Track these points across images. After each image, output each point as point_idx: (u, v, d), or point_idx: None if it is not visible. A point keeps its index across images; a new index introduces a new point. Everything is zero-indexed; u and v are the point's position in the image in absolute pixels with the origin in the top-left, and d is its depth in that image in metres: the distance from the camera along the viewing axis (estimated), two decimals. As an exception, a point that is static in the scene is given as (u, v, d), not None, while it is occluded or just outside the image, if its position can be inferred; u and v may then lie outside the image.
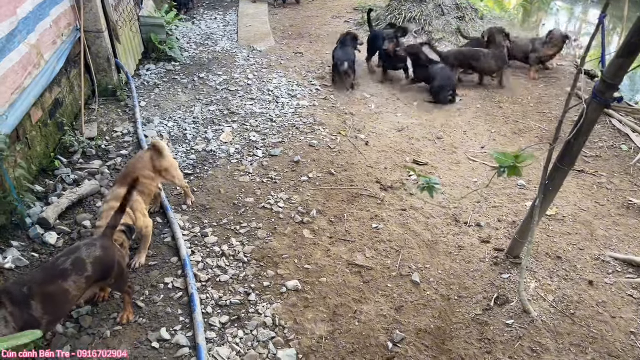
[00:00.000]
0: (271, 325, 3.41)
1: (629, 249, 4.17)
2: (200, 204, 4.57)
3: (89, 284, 2.98)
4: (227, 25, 9.84)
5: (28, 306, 2.69)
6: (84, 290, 2.97)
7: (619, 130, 5.99)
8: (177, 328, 3.34)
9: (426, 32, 8.38)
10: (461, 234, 4.35)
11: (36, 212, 4.23)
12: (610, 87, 2.81)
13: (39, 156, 4.71)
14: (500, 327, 3.46)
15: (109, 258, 3.10)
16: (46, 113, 4.96)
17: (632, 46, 2.63)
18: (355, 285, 3.80)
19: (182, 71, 7.46)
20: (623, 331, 3.43)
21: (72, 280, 2.86)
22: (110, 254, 3.13)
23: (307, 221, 4.43)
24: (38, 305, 2.71)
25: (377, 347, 3.31)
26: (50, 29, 5.25)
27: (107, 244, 3.16)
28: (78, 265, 2.92)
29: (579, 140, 3.09)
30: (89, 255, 2.98)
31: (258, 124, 6.03)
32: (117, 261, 3.16)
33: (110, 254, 3.13)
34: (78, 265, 2.92)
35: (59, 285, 2.82)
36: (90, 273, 2.95)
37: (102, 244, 3.11)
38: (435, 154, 5.59)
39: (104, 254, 3.07)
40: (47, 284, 2.79)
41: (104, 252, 3.07)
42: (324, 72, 7.68)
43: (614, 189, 4.99)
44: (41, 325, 2.72)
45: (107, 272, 3.10)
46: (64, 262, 2.89)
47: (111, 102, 6.31)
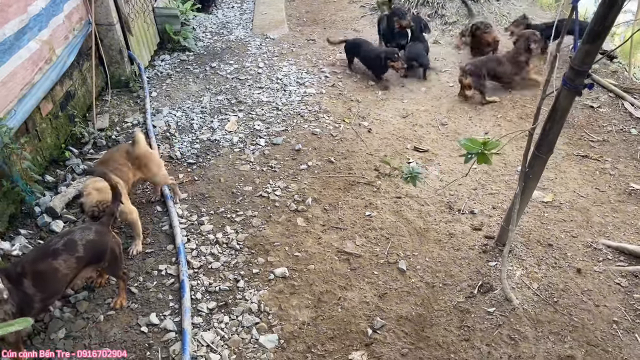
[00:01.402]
0: (256, 311, 3.54)
1: (624, 237, 4.12)
2: (200, 193, 4.72)
3: (80, 264, 3.18)
4: (244, 14, 9.92)
5: (20, 283, 2.90)
6: (75, 270, 3.16)
7: (631, 114, 5.83)
8: (167, 313, 3.51)
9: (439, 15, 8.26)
10: (453, 222, 4.37)
11: (46, 201, 4.47)
12: (579, 73, 2.78)
13: (49, 147, 4.94)
14: (481, 314, 3.50)
15: (102, 242, 3.30)
16: (57, 105, 5.18)
17: (595, 33, 2.60)
18: (342, 272, 3.89)
19: (195, 61, 7.61)
20: (605, 320, 3.42)
21: (62, 259, 3.06)
22: (104, 238, 3.32)
23: (302, 209, 4.53)
24: (29, 282, 2.93)
25: (356, 333, 3.40)
26: (62, 24, 5.45)
27: (102, 230, 3.35)
28: (69, 245, 3.12)
29: (554, 128, 3.07)
30: (82, 238, 3.19)
31: (264, 112, 6.13)
32: (110, 246, 3.35)
33: (104, 238, 3.32)
34: (69, 245, 3.12)
35: (48, 264, 3.02)
36: (82, 254, 3.15)
37: (97, 229, 3.31)
38: (437, 140, 5.58)
39: (98, 238, 3.27)
40: (37, 262, 3.01)
41: (97, 236, 3.27)
42: (334, 59, 7.70)
43: (617, 174, 4.89)
44: (34, 302, 2.95)
45: (99, 256, 3.30)
46: (56, 243, 3.11)
47: (124, 93, 6.51)
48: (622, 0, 2.46)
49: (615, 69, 6.95)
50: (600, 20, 2.57)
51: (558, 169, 4.96)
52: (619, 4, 2.50)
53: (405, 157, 5.25)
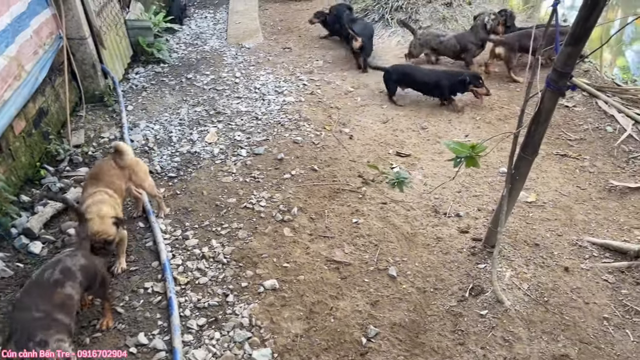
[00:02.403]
0: (247, 326, 3.47)
1: (607, 233, 4.18)
2: (183, 207, 4.63)
3: (82, 289, 3.08)
4: (217, 24, 9.85)
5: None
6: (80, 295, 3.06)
7: (605, 112, 5.94)
8: (155, 332, 3.42)
9: (413, 20, 8.32)
10: (440, 225, 4.37)
11: (22, 222, 4.32)
12: (562, 75, 2.81)
13: (23, 166, 4.79)
14: (474, 317, 3.50)
15: (92, 266, 3.22)
16: (30, 123, 5.04)
17: (577, 36, 2.64)
18: (333, 281, 3.85)
19: (170, 72, 7.51)
20: (596, 317, 3.45)
21: (69, 285, 2.96)
22: (93, 262, 3.26)
23: (288, 219, 4.48)
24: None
25: (351, 343, 3.36)
26: (31, 39, 5.31)
27: (88, 254, 3.27)
28: (66, 273, 3.01)
29: (539, 129, 3.10)
30: (74, 264, 3.09)
31: (243, 122, 6.07)
32: (99, 269, 3.28)
33: (93, 262, 3.26)
34: (66, 273, 3.01)
35: (60, 293, 2.91)
36: (81, 279, 3.06)
37: (83, 254, 3.23)
38: (418, 144, 5.60)
39: (88, 262, 3.19)
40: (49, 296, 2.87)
41: (86, 260, 3.19)
42: (311, 66, 7.68)
43: (597, 171, 4.97)
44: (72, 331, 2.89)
45: (92, 280, 3.20)
46: (52, 274, 2.96)
47: (99, 107, 6.38)
48: (603, 4, 2.50)
49: (587, 69, 7.09)
50: (581, 23, 2.60)
51: (539, 168, 5.01)
52: (600, 7, 2.54)
53: (388, 162, 5.25)
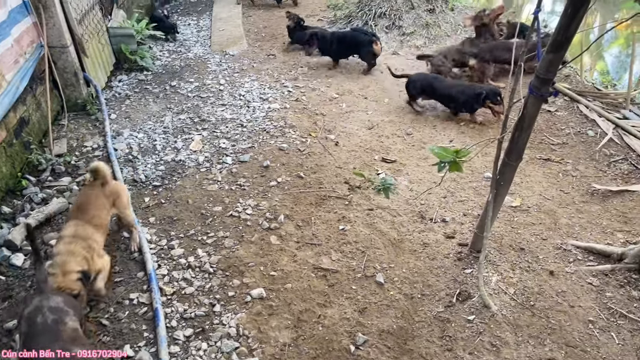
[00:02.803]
0: (235, 336, 3.44)
1: (591, 236, 4.22)
2: (168, 216, 4.59)
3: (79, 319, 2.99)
4: (201, 31, 9.83)
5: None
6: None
7: (586, 116, 6.03)
8: (141, 344, 3.37)
9: (397, 26, 8.38)
10: (426, 231, 4.39)
11: (4, 234, 4.25)
12: (545, 82, 2.85)
13: (4, 177, 4.72)
14: (462, 323, 3.51)
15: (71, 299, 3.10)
16: (11, 133, 4.96)
17: (558, 43, 2.68)
18: (320, 289, 3.84)
19: (154, 80, 7.46)
20: (581, 320, 3.48)
21: (69, 319, 2.86)
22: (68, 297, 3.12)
23: (275, 227, 4.46)
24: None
25: (339, 351, 3.35)
26: (11, 48, 5.24)
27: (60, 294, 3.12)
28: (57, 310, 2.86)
29: (522, 136, 3.13)
30: (58, 301, 2.94)
31: (228, 130, 6.04)
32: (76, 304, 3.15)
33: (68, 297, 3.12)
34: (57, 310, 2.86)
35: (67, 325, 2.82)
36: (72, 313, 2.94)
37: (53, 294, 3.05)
38: (404, 150, 5.62)
39: (66, 297, 3.05)
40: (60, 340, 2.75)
41: (63, 296, 3.05)
42: (296, 73, 7.69)
43: (579, 175, 5.04)
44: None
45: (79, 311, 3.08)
46: (46, 317, 2.81)
47: (81, 116, 6.31)
48: (583, 12, 2.54)
49: (567, 73, 7.20)
50: (562, 30, 2.64)
51: (523, 172, 5.06)
52: (580, 15, 2.58)
53: (373, 168, 5.27)
